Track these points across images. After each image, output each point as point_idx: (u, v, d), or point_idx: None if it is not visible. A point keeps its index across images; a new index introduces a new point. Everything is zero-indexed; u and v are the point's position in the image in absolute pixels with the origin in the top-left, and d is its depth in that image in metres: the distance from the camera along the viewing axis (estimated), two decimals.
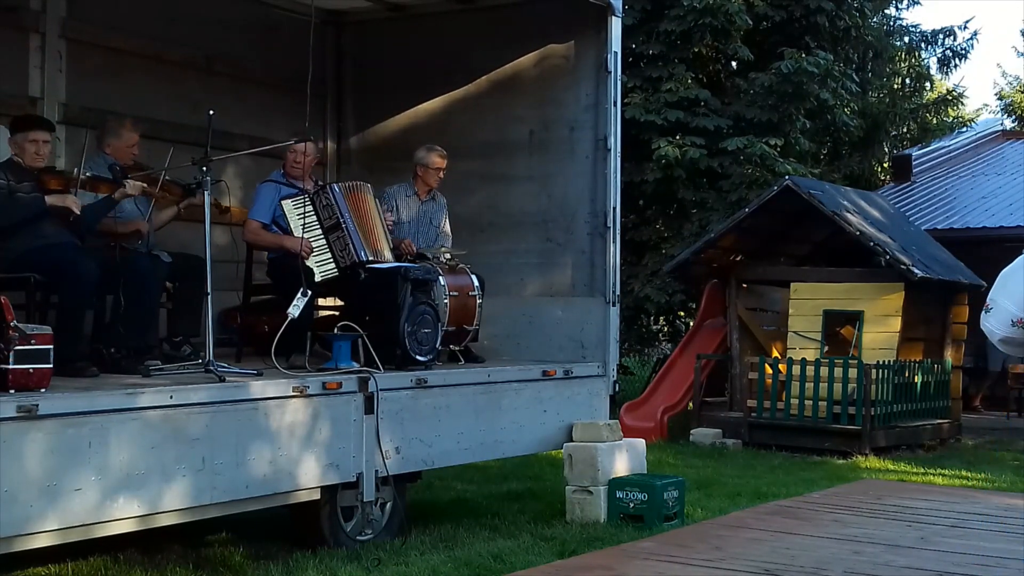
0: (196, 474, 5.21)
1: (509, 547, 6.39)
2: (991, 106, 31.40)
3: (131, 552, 6.07)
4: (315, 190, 7.00)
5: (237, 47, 8.44)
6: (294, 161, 7.18)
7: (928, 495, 8.45)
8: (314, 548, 6.12)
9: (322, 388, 5.90)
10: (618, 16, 7.88)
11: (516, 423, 7.15)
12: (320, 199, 6.89)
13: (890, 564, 6.01)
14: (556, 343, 7.91)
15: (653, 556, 6.09)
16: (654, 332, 18.47)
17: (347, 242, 6.84)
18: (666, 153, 14.70)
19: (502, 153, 8.38)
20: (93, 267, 5.83)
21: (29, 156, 6.09)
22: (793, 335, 12.44)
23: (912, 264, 12.07)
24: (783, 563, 5.96)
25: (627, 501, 7.18)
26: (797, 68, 15.00)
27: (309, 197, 6.85)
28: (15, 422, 4.51)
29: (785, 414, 11.86)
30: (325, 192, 6.95)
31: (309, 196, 6.86)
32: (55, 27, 7.40)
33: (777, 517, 7.31)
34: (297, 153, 7.15)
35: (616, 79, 7.85)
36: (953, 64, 20.90)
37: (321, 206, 6.87)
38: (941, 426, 12.65)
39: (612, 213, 7.83)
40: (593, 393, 7.70)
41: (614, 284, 7.84)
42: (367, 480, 6.16)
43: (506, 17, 8.36)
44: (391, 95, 8.86)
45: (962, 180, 19.12)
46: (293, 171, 7.20)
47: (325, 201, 6.89)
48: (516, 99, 8.35)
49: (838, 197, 13.14)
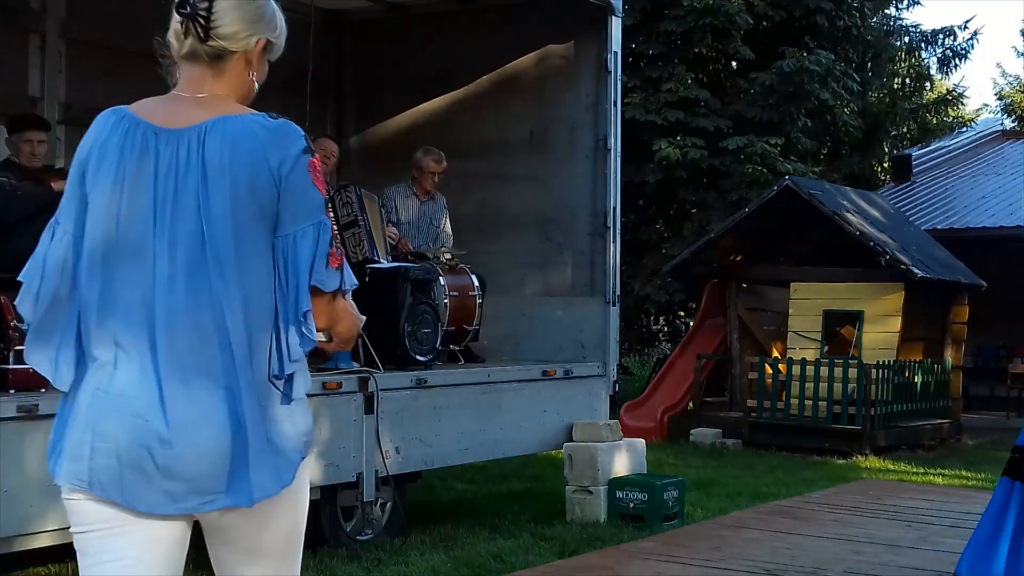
0: None
1: (509, 547, 6.39)
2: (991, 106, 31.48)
3: None
4: (338, 188, 7.03)
5: None
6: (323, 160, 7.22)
7: (928, 495, 8.45)
8: (314, 548, 6.10)
9: (322, 388, 5.89)
10: (618, 16, 7.88)
11: (516, 423, 7.15)
12: (342, 196, 6.94)
13: (890, 564, 6.02)
14: (556, 343, 7.91)
15: (653, 556, 6.10)
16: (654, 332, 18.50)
17: (361, 238, 6.89)
18: (667, 154, 14.71)
19: (502, 153, 8.38)
20: None
21: (25, 156, 6.11)
22: (793, 335, 12.44)
23: (912, 264, 12.07)
24: (783, 563, 5.96)
25: (627, 501, 7.18)
26: (798, 68, 15.02)
27: (330, 193, 6.87)
28: (15, 422, 4.51)
29: (785, 414, 11.87)
30: (347, 190, 6.99)
31: (330, 193, 6.88)
32: (55, 27, 7.41)
33: (777, 517, 7.31)
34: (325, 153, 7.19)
35: (616, 79, 7.85)
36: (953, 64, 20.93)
37: (341, 203, 6.91)
38: (941, 426, 12.66)
39: (612, 213, 7.82)
40: (593, 393, 7.69)
41: (614, 284, 7.84)
42: (367, 480, 6.16)
43: (506, 17, 8.36)
44: (391, 95, 8.86)
45: (962, 180, 19.12)
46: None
47: (346, 199, 6.94)
48: (516, 99, 8.35)
49: (838, 197, 13.15)
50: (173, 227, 2.19)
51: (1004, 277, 14.67)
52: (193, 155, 2.20)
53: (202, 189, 2.19)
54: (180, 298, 2.19)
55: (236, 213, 2.19)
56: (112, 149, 2.25)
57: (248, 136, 2.22)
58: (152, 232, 2.20)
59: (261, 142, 2.22)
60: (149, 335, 2.19)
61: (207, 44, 2.27)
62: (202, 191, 2.19)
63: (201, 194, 2.19)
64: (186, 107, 2.27)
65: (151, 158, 2.23)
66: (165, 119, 2.26)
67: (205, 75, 2.30)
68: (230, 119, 2.24)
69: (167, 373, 2.17)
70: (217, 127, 2.22)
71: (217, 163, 2.19)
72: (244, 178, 2.19)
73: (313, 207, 2.24)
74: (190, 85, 2.30)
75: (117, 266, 2.22)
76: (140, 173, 2.22)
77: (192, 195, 2.19)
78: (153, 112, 2.28)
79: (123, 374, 2.19)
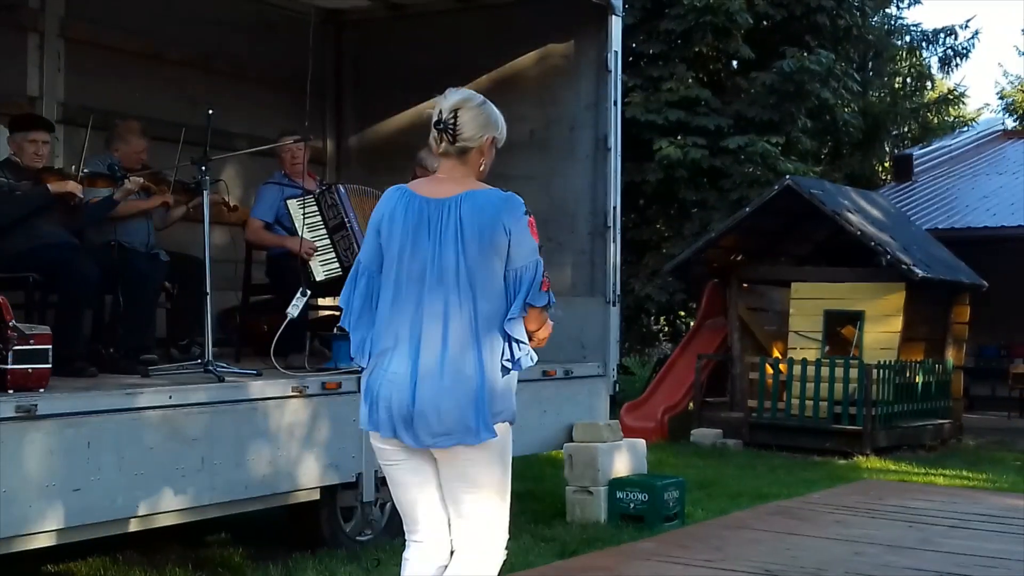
0: (195, 474, 5.20)
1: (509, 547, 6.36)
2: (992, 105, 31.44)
3: (131, 552, 6.06)
4: (321, 189, 6.98)
5: (237, 46, 8.43)
6: (292, 159, 7.18)
7: (929, 495, 8.44)
8: (313, 548, 6.10)
9: (321, 388, 5.88)
10: (618, 15, 7.86)
11: (516, 423, 7.12)
12: (326, 199, 6.88)
13: (891, 565, 6.01)
14: (556, 343, 7.83)
15: (653, 557, 6.09)
16: (654, 332, 18.48)
17: (351, 242, 6.82)
18: (668, 154, 14.69)
19: (502, 153, 8.31)
20: (92, 267, 5.82)
21: (28, 156, 6.08)
22: (794, 335, 12.43)
23: (913, 264, 12.05)
24: (783, 564, 5.95)
25: (627, 501, 7.17)
26: (799, 67, 15.00)
27: (315, 197, 6.84)
28: (14, 422, 4.50)
29: (786, 414, 11.85)
30: (331, 192, 6.94)
31: (315, 196, 6.85)
32: (54, 26, 7.39)
33: (778, 517, 7.30)
34: (294, 151, 7.14)
35: (616, 78, 7.84)
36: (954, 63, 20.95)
37: (327, 206, 6.86)
38: (942, 426, 12.64)
39: (612, 213, 7.81)
40: (593, 393, 7.68)
41: (614, 284, 7.82)
42: (367, 480, 6.15)
43: (506, 16, 8.35)
44: (391, 95, 8.84)
45: (963, 180, 19.09)
46: (293, 170, 7.20)
47: (331, 201, 6.87)
48: (516, 99, 8.31)
49: (839, 197, 13.13)
50: (441, 263, 3.42)
51: (1005, 277, 14.66)
52: (452, 216, 3.44)
53: (460, 238, 3.42)
54: (442, 308, 3.41)
55: (482, 254, 3.41)
56: (399, 213, 3.51)
57: (489, 204, 3.46)
58: (427, 266, 3.43)
59: (497, 208, 3.45)
60: (417, 332, 3.42)
61: (455, 145, 3.52)
62: (460, 240, 3.41)
63: (459, 241, 3.41)
64: (445, 185, 3.53)
65: (425, 218, 3.47)
66: (432, 193, 3.52)
67: (455, 164, 3.56)
68: (475, 192, 3.49)
69: (424, 358, 3.40)
70: (467, 198, 3.46)
71: (469, 221, 3.42)
72: (487, 232, 3.42)
73: (531, 251, 3.49)
74: (445, 171, 3.57)
75: (403, 288, 3.47)
76: (419, 228, 3.47)
77: (452, 242, 3.42)
78: (424, 188, 3.56)
79: (395, 360, 3.45)
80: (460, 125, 3.51)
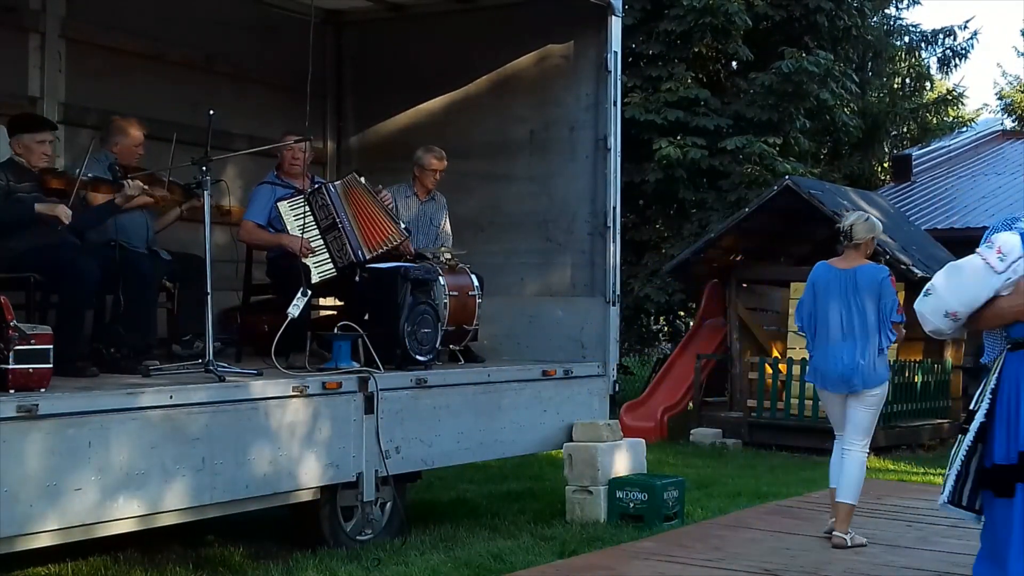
0: (196, 474, 5.21)
1: (509, 547, 6.39)
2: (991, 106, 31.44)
3: (131, 552, 6.07)
4: (311, 190, 6.97)
5: (237, 47, 8.43)
6: (292, 159, 7.17)
7: (928, 495, 8.42)
8: (314, 548, 6.11)
9: (322, 388, 5.89)
10: (618, 16, 7.88)
11: (516, 423, 7.15)
12: (316, 199, 6.87)
13: (890, 564, 6.02)
14: (556, 343, 7.91)
15: (653, 556, 6.10)
16: (654, 332, 18.48)
17: (344, 242, 6.82)
18: (667, 153, 14.70)
19: (502, 153, 8.37)
20: (93, 267, 5.82)
21: (37, 156, 6.07)
22: (793, 335, 12.41)
23: (912, 264, 12.07)
24: (783, 563, 5.97)
25: (627, 501, 7.18)
26: (798, 68, 15.00)
27: (305, 198, 6.84)
28: (15, 422, 4.51)
29: (785, 414, 11.87)
30: (321, 192, 6.93)
31: (305, 197, 6.85)
32: (55, 27, 7.39)
33: (777, 517, 7.31)
34: (295, 151, 7.14)
35: (616, 79, 7.85)
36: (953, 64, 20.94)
37: (317, 206, 6.85)
38: (941, 426, 12.65)
39: (612, 213, 7.82)
40: (593, 393, 7.69)
41: (614, 284, 7.84)
42: (367, 480, 6.16)
43: (506, 17, 8.36)
44: (391, 95, 8.85)
45: (962, 180, 19.10)
46: (292, 170, 7.19)
47: (321, 201, 6.86)
48: (516, 99, 8.35)
49: (838, 197, 13.14)
50: (847, 304, 6.48)
51: None
52: (852, 280, 6.48)
53: (856, 292, 6.46)
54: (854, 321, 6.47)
55: (868, 300, 6.44)
56: (822, 278, 6.60)
57: (872, 273, 6.49)
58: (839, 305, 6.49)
59: (876, 276, 6.48)
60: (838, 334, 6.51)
61: (850, 244, 6.55)
62: (856, 293, 6.46)
63: (854, 294, 6.46)
64: (848, 261, 6.55)
65: (837, 282, 6.52)
66: (842, 266, 6.55)
67: (854, 252, 6.55)
68: (866, 266, 6.52)
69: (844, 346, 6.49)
70: (861, 269, 6.50)
71: (861, 282, 6.46)
72: (873, 290, 6.44)
73: (892, 295, 6.48)
74: (848, 254, 6.56)
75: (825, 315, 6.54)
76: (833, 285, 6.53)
77: (853, 294, 6.46)
78: (837, 263, 6.58)
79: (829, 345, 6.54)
80: (853, 231, 6.54)
